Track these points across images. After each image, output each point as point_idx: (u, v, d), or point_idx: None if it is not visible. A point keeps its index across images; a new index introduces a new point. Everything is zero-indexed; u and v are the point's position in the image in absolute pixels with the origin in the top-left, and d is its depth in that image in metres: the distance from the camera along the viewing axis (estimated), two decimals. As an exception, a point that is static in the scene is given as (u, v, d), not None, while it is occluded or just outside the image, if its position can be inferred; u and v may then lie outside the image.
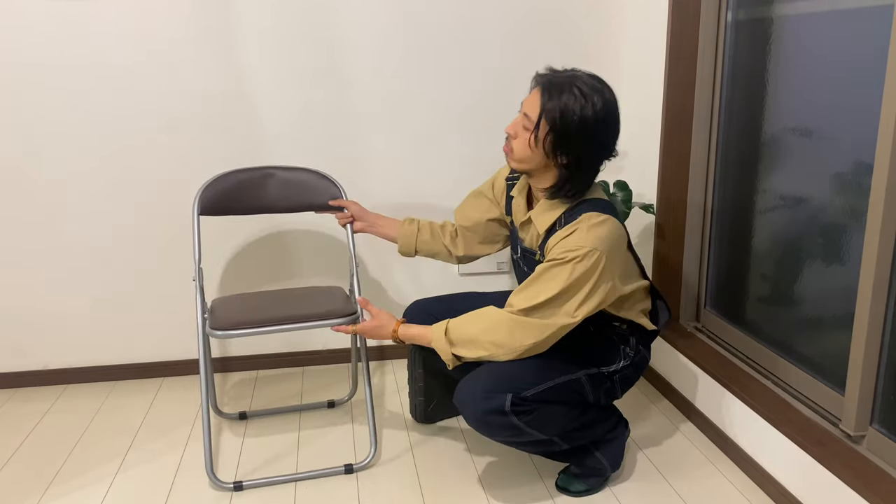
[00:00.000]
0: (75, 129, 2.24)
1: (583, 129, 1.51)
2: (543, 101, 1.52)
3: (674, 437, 2.05)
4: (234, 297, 1.99)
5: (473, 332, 1.59)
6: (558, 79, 1.53)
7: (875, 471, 1.46)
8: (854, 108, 1.56)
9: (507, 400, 1.56)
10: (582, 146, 1.53)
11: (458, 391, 1.63)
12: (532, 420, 1.59)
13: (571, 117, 1.50)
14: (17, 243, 2.31)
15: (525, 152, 1.57)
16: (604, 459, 1.78)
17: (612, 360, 1.71)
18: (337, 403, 2.25)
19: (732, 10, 2.00)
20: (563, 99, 1.50)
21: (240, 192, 1.99)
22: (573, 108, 1.49)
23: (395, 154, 2.42)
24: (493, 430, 1.61)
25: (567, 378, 1.63)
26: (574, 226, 1.54)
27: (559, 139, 1.52)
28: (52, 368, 2.43)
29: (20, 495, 1.80)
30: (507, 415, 1.56)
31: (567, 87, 1.50)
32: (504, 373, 1.59)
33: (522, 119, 1.56)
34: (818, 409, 1.70)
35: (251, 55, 2.26)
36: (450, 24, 2.33)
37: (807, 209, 1.75)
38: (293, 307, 1.88)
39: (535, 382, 1.59)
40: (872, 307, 1.48)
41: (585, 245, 1.50)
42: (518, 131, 1.58)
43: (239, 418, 2.17)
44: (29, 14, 2.13)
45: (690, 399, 2.14)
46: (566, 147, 1.53)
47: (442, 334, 1.62)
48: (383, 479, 1.86)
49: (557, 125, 1.51)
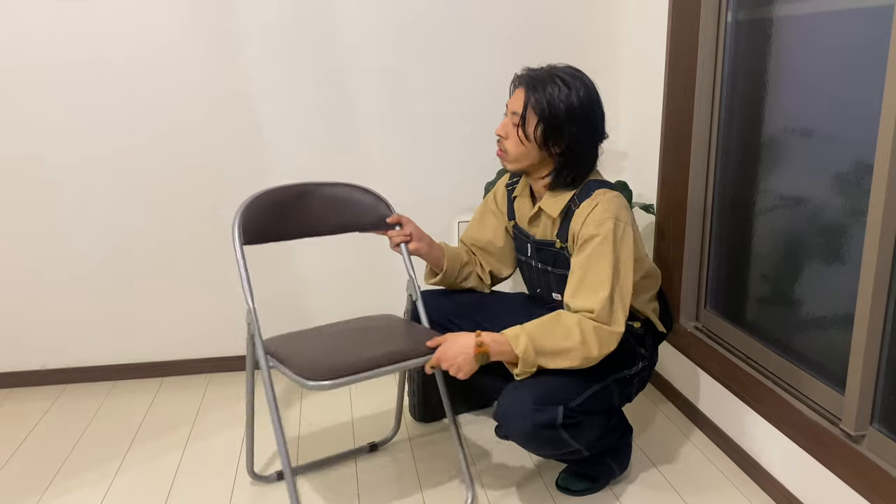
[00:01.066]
0: (74, 129, 2.24)
1: (570, 115, 1.55)
2: (528, 95, 1.56)
3: (673, 437, 2.05)
4: (291, 337, 1.70)
5: (566, 345, 1.49)
6: (537, 73, 1.58)
7: (875, 471, 1.46)
8: (854, 108, 1.56)
9: (560, 413, 1.52)
10: (573, 132, 1.57)
11: (504, 404, 1.55)
12: (577, 432, 1.58)
13: (558, 105, 1.54)
14: (17, 243, 2.31)
15: (519, 149, 1.60)
16: (613, 463, 1.79)
17: (633, 362, 1.70)
18: (379, 446, 2.02)
19: (732, 11, 2.00)
20: (546, 90, 1.55)
21: (277, 215, 1.71)
22: (558, 96, 1.54)
23: (396, 155, 2.42)
24: (539, 444, 1.57)
25: (601, 385, 1.62)
26: (594, 200, 1.57)
27: (549, 129, 1.56)
28: (52, 368, 2.43)
29: (20, 495, 1.80)
30: (558, 428, 1.53)
31: (548, 79, 1.56)
32: (549, 384, 1.55)
33: (510, 118, 1.60)
34: (818, 409, 1.70)
35: (252, 57, 2.26)
36: (451, 26, 2.33)
37: (807, 209, 1.75)
38: (373, 346, 1.61)
39: (578, 392, 1.57)
40: (872, 307, 1.49)
41: (611, 214, 1.53)
42: (508, 131, 1.61)
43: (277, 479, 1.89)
44: (29, 14, 2.13)
45: (690, 399, 2.14)
46: (557, 135, 1.57)
47: (531, 352, 1.49)
48: (383, 478, 1.86)
49: (546, 114, 1.55)
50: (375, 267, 2.51)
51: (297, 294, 2.49)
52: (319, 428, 2.13)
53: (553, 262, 1.69)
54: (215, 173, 2.34)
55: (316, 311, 2.51)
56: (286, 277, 2.47)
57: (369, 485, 1.83)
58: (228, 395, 2.34)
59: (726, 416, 1.95)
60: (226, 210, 2.37)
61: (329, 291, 2.51)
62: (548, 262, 1.71)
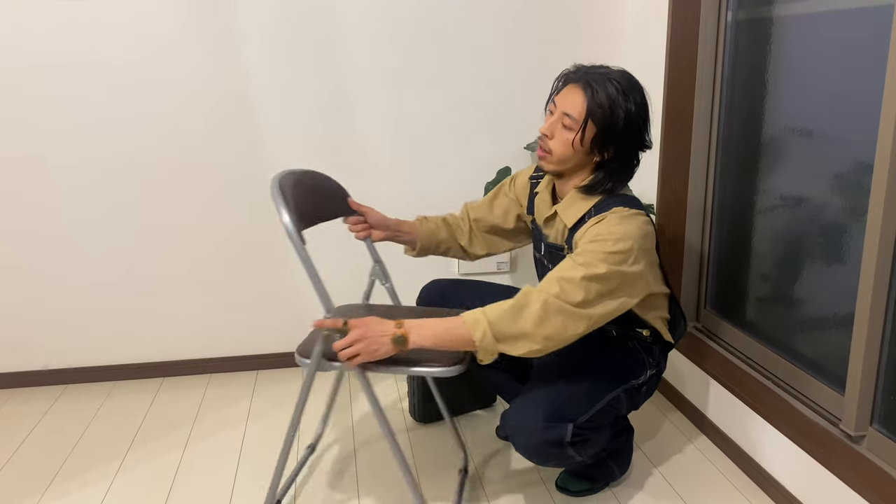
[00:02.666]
0: (75, 130, 2.24)
1: (627, 126, 1.48)
2: (588, 98, 1.47)
3: (672, 437, 2.05)
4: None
5: (524, 326, 1.39)
6: (595, 75, 1.49)
7: (875, 471, 1.46)
8: (854, 108, 1.56)
9: (569, 431, 1.50)
10: (624, 142, 1.51)
11: (511, 418, 1.53)
12: (584, 448, 1.56)
13: (618, 114, 1.47)
14: (17, 244, 2.31)
15: (566, 152, 1.52)
16: (613, 465, 1.79)
17: (642, 371, 1.67)
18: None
19: (732, 10, 2.00)
20: (607, 95, 1.46)
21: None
22: (618, 104, 1.46)
23: (396, 155, 2.42)
24: (544, 459, 1.56)
25: (611, 396, 1.60)
26: (604, 215, 1.49)
27: (603, 137, 1.49)
28: (52, 368, 2.43)
29: (20, 495, 1.80)
30: (565, 447, 1.51)
31: (607, 83, 1.47)
32: (559, 398, 1.53)
33: (561, 118, 1.51)
34: (818, 409, 1.70)
35: (252, 57, 2.26)
36: (450, 25, 2.33)
37: (807, 209, 1.74)
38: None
39: (588, 406, 1.55)
40: (872, 307, 1.48)
41: (616, 234, 1.44)
42: (556, 131, 1.52)
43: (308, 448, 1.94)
44: (29, 14, 2.13)
45: (689, 399, 2.14)
46: (608, 144, 1.50)
47: (488, 332, 1.39)
48: (382, 477, 1.85)
49: (605, 122, 1.47)
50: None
51: (291, 290, 2.50)
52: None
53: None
54: (215, 173, 2.34)
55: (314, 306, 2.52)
56: (274, 275, 2.47)
57: (368, 482, 1.83)
58: (228, 395, 2.34)
59: (726, 417, 1.95)
60: (226, 210, 2.37)
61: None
62: (556, 264, 1.68)
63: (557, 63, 2.42)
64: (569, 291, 1.40)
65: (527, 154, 2.48)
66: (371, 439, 2.05)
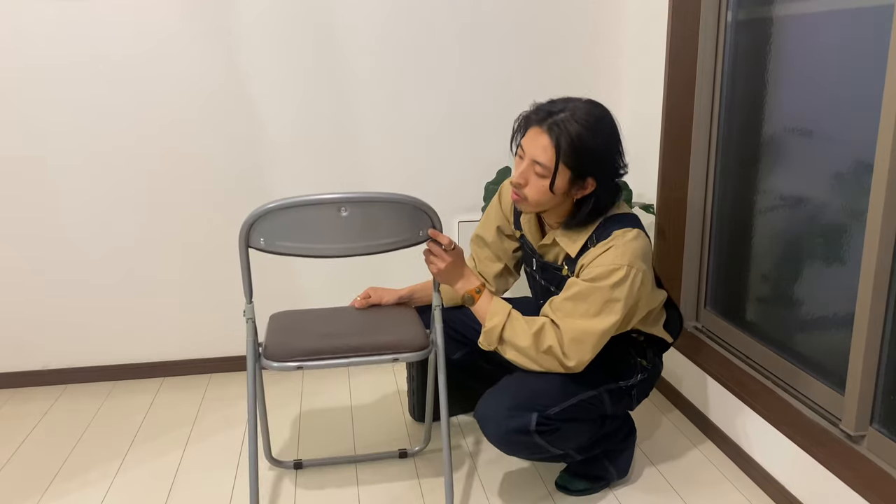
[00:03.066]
0: (75, 130, 2.24)
1: (599, 161, 1.49)
2: (554, 144, 1.45)
3: (673, 437, 2.05)
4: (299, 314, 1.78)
5: (526, 351, 1.53)
6: (557, 115, 1.47)
7: (875, 471, 1.46)
8: (854, 108, 1.56)
9: (533, 419, 1.52)
10: (600, 176, 1.51)
11: (481, 407, 1.58)
12: (554, 439, 1.57)
13: (588, 153, 1.46)
14: (17, 243, 2.31)
15: (543, 198, 1.52)
16: (612, 468, 1.78)
17: (631, 374, 1.68)
18: (409, 454, 1.98)
19: (732, 10, 2.00)
20: (573, 136, 1.45)
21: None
22: (587, 142, 1.45)
23: (396, 154, 2.42)
24: (515, 449, 1.58)
25: (589, 395, 1.61)
26: (608, 243, 1.51)
27: (577, 177, 1.50)
28: (52, 368, 2.43)
29: (20, 495, 1.80)
30: (531, 434, 1.53)
31: (570, 123, 1.45)
32: (529, 389, 1.56)
33: (532, 166, 1.49)
34: (818, 409, 1.70)
35: (251, 55, 2.26)
36: (451, 25, 2.33)
37: (807, 209, 1.74)
38: (361, 334, 1.64)
39: (560, 400, 1.56)
40: (872, 307, 1.48)
41: (623, 262, 1.47)
42: (529, 178, 1.51)
43: (294, 468, 1.92)
44: (28, 13, 2.13)
45: (689, 399, 2.14)
46: (584, 182, 1.51)
47: (496, 334, 1.56)
48: (382, 477, 1.85)
49: (577, 164, 1.47)
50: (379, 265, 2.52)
51: (298, 289, 2.50)
52: (320, 424, 2.13)
53: (558, 284, 1.65)
54: (215, 173, 2.34)
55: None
56: (285, 277, 2.47)
57: (368, 482, 1.83)
58: (228, 395, 2.34)
59: (726, 416, 1.95)
60: (226, 209, 2.37)
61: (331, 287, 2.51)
62: (552, 282, 1.68)
63: (557, 63, 2.42)
64: (580, 350, 1.51)
65: (527, 154, 2.48)
66: (371, 442, 2.05)
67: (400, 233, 1.54)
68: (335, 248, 1.52)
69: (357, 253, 1.53)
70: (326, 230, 1.49)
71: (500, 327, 1.55)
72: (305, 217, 1.47)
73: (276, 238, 1.49)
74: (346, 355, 1.57)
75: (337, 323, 1.72)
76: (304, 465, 1.91)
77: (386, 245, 1.55)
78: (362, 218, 1.50)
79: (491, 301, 1.59)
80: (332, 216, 1.48)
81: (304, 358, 1.55)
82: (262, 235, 1.49)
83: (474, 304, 1.60)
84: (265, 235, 1.49)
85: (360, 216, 1.49)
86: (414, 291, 1.89)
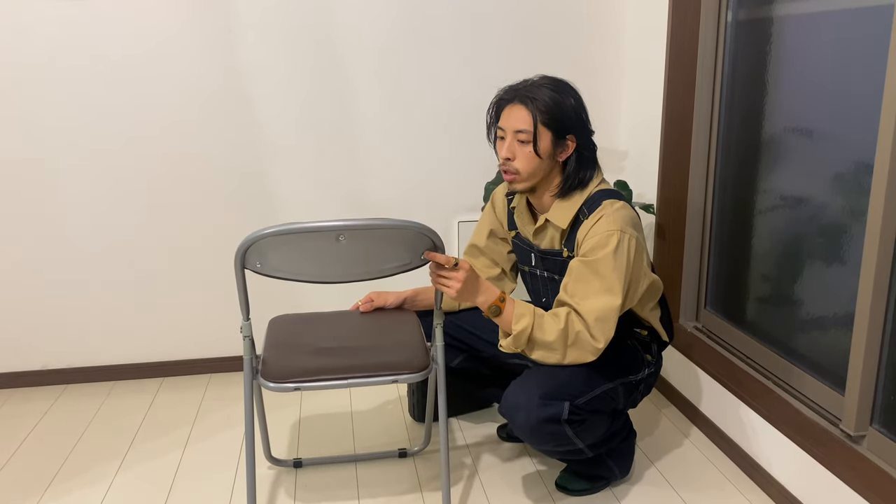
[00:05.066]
0: (75, 130, 2.24)
1: (575, 116, 1.58)
2: (531, 109, 1.56)
3: (673, 437, 2.05)
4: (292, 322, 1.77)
5: (553, 346, 1.52)
6: (528, 87, 1.58)
7: (875, 471, 1.46)
8: (854, 108, 1.56)
9: (566, 408, 1.54)
10: (577, 132, 1.59)
11: (510, 397, 1.58)
12: (582, 430, 1.59)
13: (563, 109, 1.56)
14: (18, 243, 2.31)
15: (532, 164, 1.58)
16: (615, 467, 1.79)
17: (640, 368, 1.71)
18: (409, 454, 1.98)
19: (732, 10, 2.00)
20: (546, 100, 1.55)
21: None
22: (560, 104, 1.56)
23: (396, 154, 2.42)
24: (543, 439, 1.58)
25: (609, 386, 1.63)
26: (599, 212, 1.57)
27: (558, 135, 1.58)
28: (52, 368, 2.43)
29: (20, 495, 1.80)
30: (563, 423, 1.55)
31: (540, 89, 1.57)
32: (557, 380, 1.57)
33: (514, 136, 1.58)
34: (818, 409, 1.70)
35: (251, 55, 2.26)
36: (451, 25, 2.33)
37: (807, 209, 1.74)
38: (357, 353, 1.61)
39: (586, 390, 1.58)
40: (872, 307, 1.48)
41: (615, 227, 1.53)
42: (514, 151, 1.58)
43: (293, 466, 1.92)
44: (29, 13, 2.13)
45: (690, 399, 2.14)
46: (564, 139, 1.59)
47: (524, 338, 1.53)
48: (382, 477, 1.86)
49: (555, 121, 1.56)
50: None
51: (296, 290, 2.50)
52: (320, 425, 2.13)
53: (560, 270, 1.67)
54: (215, 174, 2.34)
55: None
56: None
57: (368, 482, 1.83)
58: (228, 395, 2.34)
59: (726, 417, 1.95)
60: (226, 210, 2.37)
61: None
62: (554, 270, 1.70)
63: (557, 63, 2.42)
64: (604, 329, 1.52)
65: (527, 154, 2.48)
66: (371, 441, 2.05)
67: (401, 257, 1.50)
68: (333, 275, 1.48)
69: (356, 279, 1.50)
70: (324, 257, 1.45)
71: (530, 328, 1.52)
72: (302, 245, 1.43)
73: (272, 263, 1.46)
74: (344, 377, 1.53)
75: (337, 333, 1.70)
76: (303, 465, 1.92)
77: (386, 270, 1.50)
78: (361, 245, 1.45)
79: (514, 305, 1.56)
80: (329, 244, 1.43)
81: (301, 379, 1.52)
82: (258, 260, 1.46)
83: (501, 314, 1.55)
84: (261, 260, 1.46)
85: (359, 243, 1.45)
86: (417, 294, 1.90)
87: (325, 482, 1.84)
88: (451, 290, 1.51)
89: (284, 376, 1.52)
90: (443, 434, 1.64)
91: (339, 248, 1.44)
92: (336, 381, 1.53)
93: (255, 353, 1.60)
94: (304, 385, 1.51)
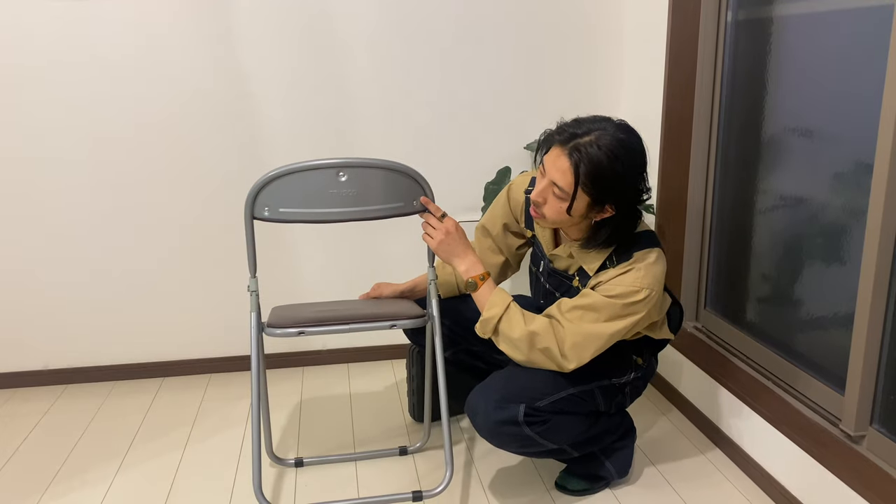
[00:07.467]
0: (75, 130, 2.24)
1: (618, 189, 1.46)
2: (573, 169, 1.43)
3: (673, 437, 2.05)
4: (294, 305, 1.85)
5: (517, 338, 1.53)
6: (580, 137, 1.44)
7: (875, 471, 1.46)
8: (854, 107, 1.56)
9: (521, 410, 1.54)
10: (619, 203, 1.49)
11: (470, 400, 1.60)
12: (544, 430, 1.58)
13: (607, 180, 1.43)
14: (18, 243, 2.31)
15: (559, 217, 1.52)
16: (612, 467, 1.78)
17: (624, 372, 1.69)
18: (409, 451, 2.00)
19: (732, 10, 2.00)
20: (593, 163, 1.42)
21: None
22: (607, 170, 1.42)
23: (396, 155, 2.42)
24: (505, 441, 1.59)
25: (580, 389, 1.62)
26: (629, 265, 1.51)
27: (595, 203, 1.48)
28: (52, 368, 2.43)
29: (20, 495, 1.80)
30: (520, 425, 1.55)
31: (592, 147, 1.42)
32: (518, 382, 1.57)
33: (550, 187, 1.48)
34: (818, 409, 1.70)
35: (251, 55, 2.26)
36: (451, 25, 2.33)
37: (807, 209, 1.74)
38: (358, 310, 1.73)
39: (549, 393, 1.57)
40: (872, 307, 1.48)
41: (644, 285, 1.49)
42: (547, 198, 1.50)
43: (295, 465, 1.94)
44: (29, 12, 2.13)
45: (690, 399, 2.14)
46: (602, 208, 1.50)
47: (492, 325, 1.56)
48: (382, 474, 1.86)
49: (595, 191, 1.45)
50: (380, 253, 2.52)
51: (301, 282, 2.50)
52: (320, 422, 2.13)
53: (564, 291, 1.66)
54: (215, 173, 2.34)
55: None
56: (286, 266, 2.47)
57: (367, 482, 1.83)
58: (228, 395, 2.34)
59: (726, 417, 1.95)
60: (225, 210, 2.37)
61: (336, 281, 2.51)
62: (556, 287, 1.69)
63: (557, 63, 2.42)
64: (580, 353, 1.52)
65: (527, 154, 2.48)
66: (369, 439, 2.05)
67: (395, 200, 1.64)
68: (334, 213, 1.63)
69: (354, 218, 1.63)
70: (326, 196, 1.60)
71: (497, 319, 1.55)
72: (306, 182, 1.58)
73: (279, 205, 1.59)
74: (345, 322, 1.65)
75: (336, 306, 1.82)
76: (304, 463, 1.92)
77: (381, 211, 1.64)
78: (359, 183, 1.60)
79: (492, 291, 1.60)
80: (331, 180, 1.59)
81: (305, 324, 1.63)
82: (266, 205, 1.59)
83: (476, 290, 1.60)
84: (269, 204, 1.59)
85: (357, 181, 1.60)
86: (416, 284, 1.92)
87: (326, 479, 1.84)
88: (433, 241, 1.62)
89: (288, 324, 1.63)
90: (445, 424, 1.65)
91: (339, 186, 1.60)
92: (337, 326, 1.64)
93: (261, 313, 1.68)
94: (307, 330, 1.62)
